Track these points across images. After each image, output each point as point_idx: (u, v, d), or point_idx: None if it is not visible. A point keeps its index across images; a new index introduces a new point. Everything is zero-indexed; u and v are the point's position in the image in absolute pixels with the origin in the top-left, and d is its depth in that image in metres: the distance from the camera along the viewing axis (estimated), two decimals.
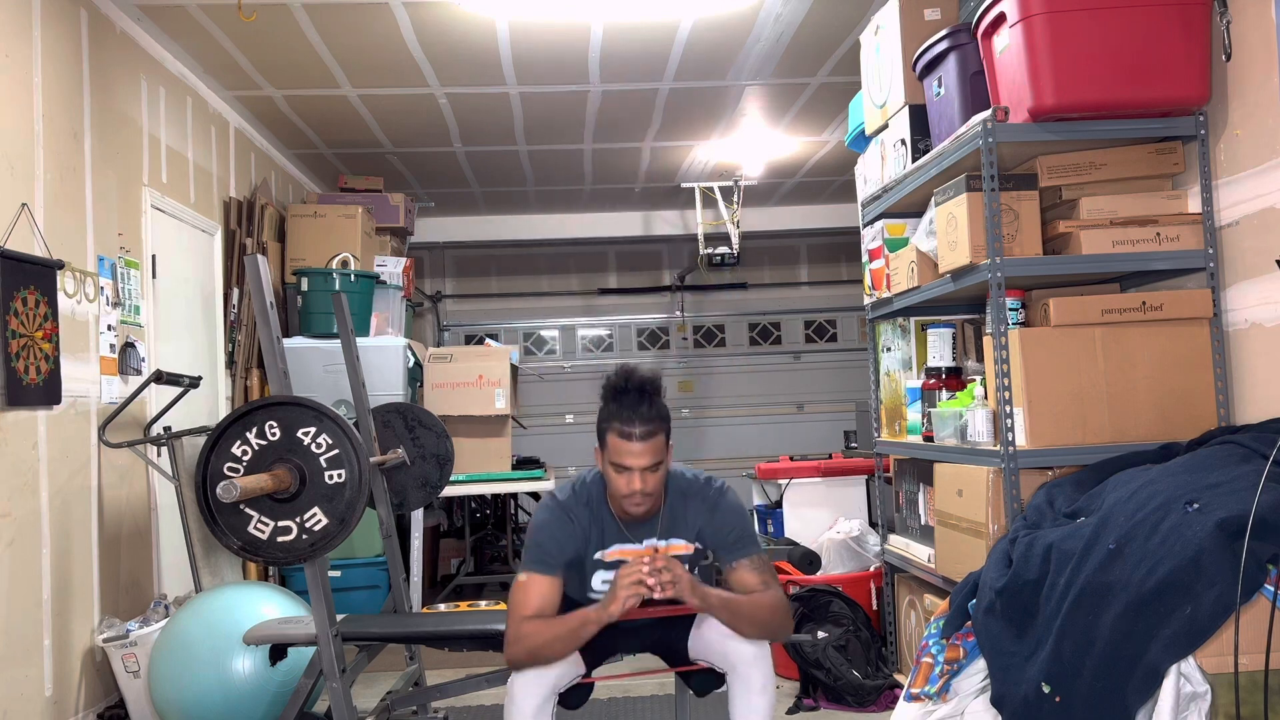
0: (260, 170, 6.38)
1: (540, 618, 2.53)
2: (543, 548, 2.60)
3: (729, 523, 2.67)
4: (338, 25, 4.75)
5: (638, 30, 4.96)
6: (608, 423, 2.56)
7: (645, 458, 2.52)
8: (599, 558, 2.66)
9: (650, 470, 2.54)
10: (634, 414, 2.52)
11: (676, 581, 2.45)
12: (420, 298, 9.30)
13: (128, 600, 4.32)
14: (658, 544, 2.65)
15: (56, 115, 3.88)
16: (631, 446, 2.51)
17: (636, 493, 2.55)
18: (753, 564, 2.64)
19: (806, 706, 3.99)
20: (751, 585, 2.61)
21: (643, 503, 2.58)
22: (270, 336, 2.91)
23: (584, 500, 2.67)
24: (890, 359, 4.17)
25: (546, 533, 2.62)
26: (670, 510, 2.68)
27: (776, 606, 2.60)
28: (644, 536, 2.66)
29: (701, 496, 2.69)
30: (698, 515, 2.68)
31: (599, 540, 2.66)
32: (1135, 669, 2.13)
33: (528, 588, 2.56)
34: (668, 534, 2.67)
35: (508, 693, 2.58)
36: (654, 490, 2.58)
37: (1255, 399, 2.94)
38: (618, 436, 2.52)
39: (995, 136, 3.08)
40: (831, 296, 9.95)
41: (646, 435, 2.52)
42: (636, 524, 2.66)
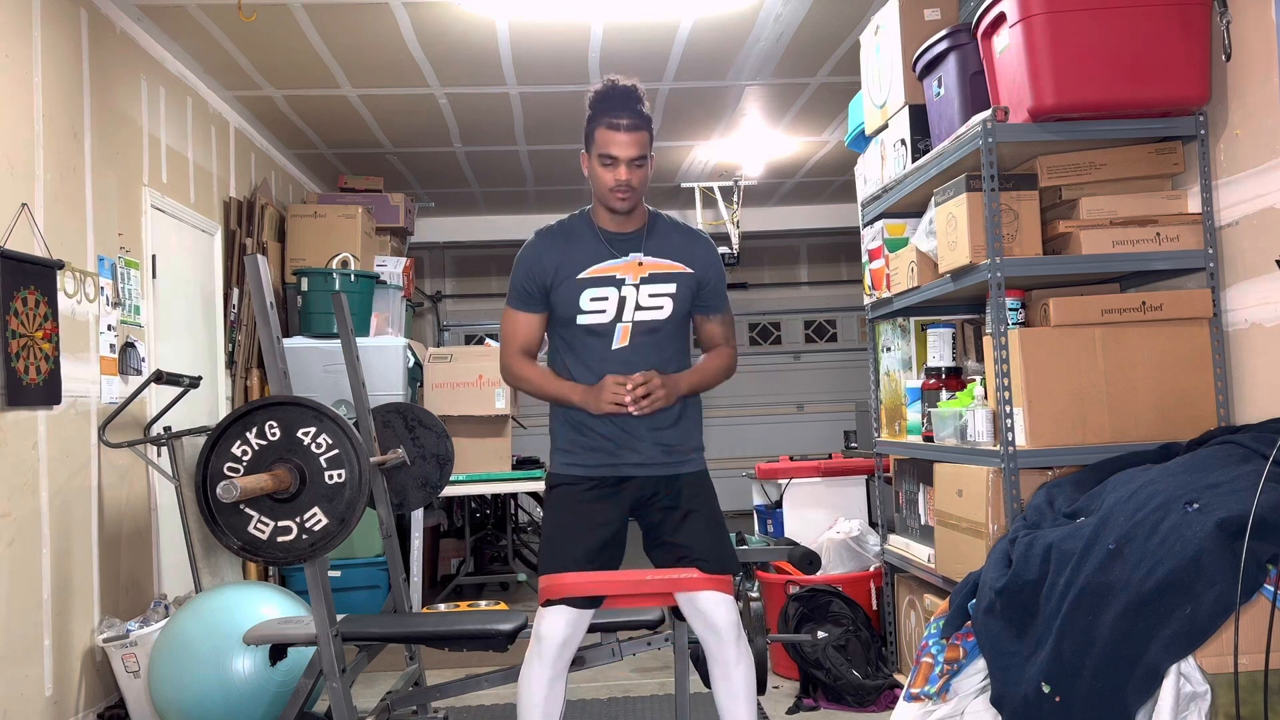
0: (260, 170, 6.38)
1: (527, 352, 2.78)
2: (517, 287, 2.79)
3: (715, 265, 2.83)
4: (338, 25, 4.75)
5: (638, 30, 4.96)
6: (595, 120, 2.70)
7: (631, 148, 2.64)
8: (583, 276, 2.73)
9: (635, 164, 2.66)
10: (621, 108, 2.66)
11: (655, 399, 2.64)
12: (420, 298, 9.31)
13: (128, 600, 4.32)
14: (641, 259, 2.74)
15: (56, 115, 3.88)
16: (618, 136, 2.65)
17: (623, 183, 2.65)
18: (723, 319, 2.89)
19: (806, 706, 3.99)
20: (716, 338, 2.88)
21: (628, 196, 2.67)
22: (270, 336, 2.91)
23: (564, 228, 2.81)
24: (890, 359, 4.17)
25: (520, 270, 2.79)
26: (653, 228, 2.79)
27: (729, 366, 2.89)
28: (628, 251, 2.74)
29: (687, 231, 2.85)
30: (685, 242, 2.80)
31: (582, 259, 2.74)
32: (1135, 669, 2.13)
33: (514, 322, 2.80)
34: (651, 251, 2.76)
35: (523, 670, 2.67)
36: (638, 185, 2.68)
37: (1255, 399, 2.94)
38: (605, 128, 2.66)
39: (995, 136, 3.08)
40: (831, 296, 9.95)
41: (633, 127, 2.65)
42: (621, 239, 2.74)
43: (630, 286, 2.71)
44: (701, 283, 2.79)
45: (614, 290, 2.71)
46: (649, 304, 2.73)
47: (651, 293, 2.72)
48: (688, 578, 2.69)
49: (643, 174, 2.69)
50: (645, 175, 2.70)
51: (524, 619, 3.27)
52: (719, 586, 2.69)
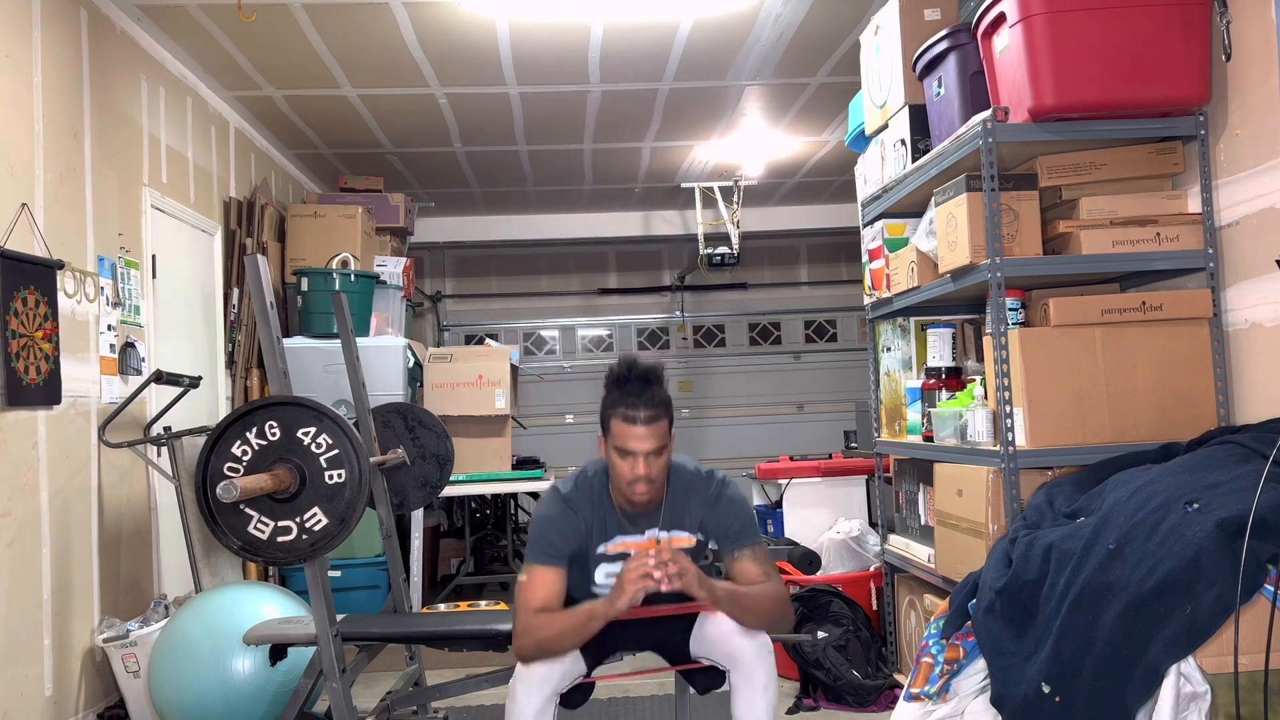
0: (260, 170, 6.38)
1: (547, 610, 2.54)
2: (547, 539, 2.61)
3: (731, 514, 2.68)
4: (338, 25, 4.75)
5: (638, 30, 4.96)
6: (612, 409, 2.57)
7: (649, 441, 2.54)
8: (602, 551, 2.66)
9: (654, 455, 2.55)
10: (638, 399, 2.54)
11: (684, 574, 2.45)
12: (420, 298, 9.30)
13: (128, 600, 4.32)
14: (660, 535, 2.66)
15: (56, 115, 3.88)
16: (636, 430, 2.53)
17: (641, 478, 2.55)
18: (754, 555, 2.65)
19: (806, 706, 3.99)
20: (753, 576, 2.62)
21: (646, 490, 2.58)
22: (270, 336, 2.91)
23: (586, 493, 2.68)
24: (890, 359, 4.17)
25: (551, 525, 2.63)
26: (672, 502, 2.68)
27: (779, 598, 2.62)
28: (646, 528, 2.67)
29: (703, 489, 2.70)
30: (700, 507, 2.69)
31: (601, 533, 2.66)
32: (1135, 669, 2.13)
33: (534, 580, 2.58)
34: (670, 525, 2.67)
35: (509, 694, 2.58)
36: (657, 476, 2.58)
37: (1255, 399, 2.94)
38: (622, 421, 2.54)
39: (995, 136, 3.08)
40: (831, 296, 9.95)
41: (650, 420, 2.54)
42: (639, 516, 2.67)
43: None
44: (715, 536, 2.69)
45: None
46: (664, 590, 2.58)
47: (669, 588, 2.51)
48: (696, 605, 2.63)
49: (662, 463, 2.59)
50: (665, 463, 2.61)
51: None
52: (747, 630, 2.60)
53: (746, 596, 2.57)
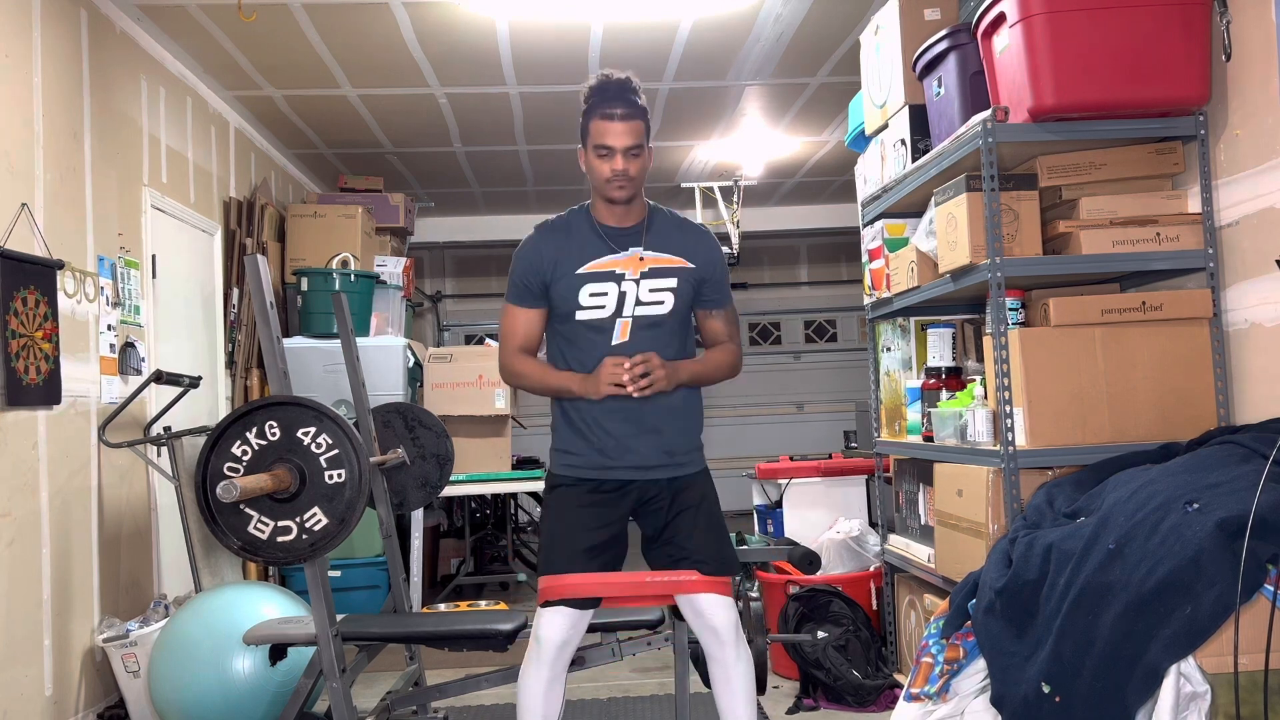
0: (260, 170, 6.38)
1: (527, 350, 2.76)
2: (517, 282, 2.75)
3: (716, 260, 2.81)
4: (338, 25, 4.75)
5: (638, 30, 4.96)
6: (590, 113, 2.69)
7: (627, 138, 2.63)
8: (582, 271, 2.70)
9: (631, 153, 2.63)
10: (616, 98, 2.66)
11: (654, 383, 2.62)
12: (420, 298, 9.31)
13: (128, 600, 4.32)
14: (642, 253, 2.72)
15: (56, 115, 3.88)
16: (614, 126, 2.63)
17: (620, 174, 2.63)
18: (725, 315, 2.86)
19: (806, 706, 3.99)
20: (720, 334, 2.85)
21: (625, 186, 2.65)
22: (270, 336, 2.91)
23: (563, 223, 2.78)
24: (890, 359, 4.17)
25: (520, 265, 2.75)
26: (653, 222, 2.76)
27: (735, 362, 2.87)
28: (627, 245, 2.72)
29: (688, 226, 2.82)
30: (686, 238, 2.77)
31: (580, 254, 2.72)
32: (1135, 669, 2.13)
33: (513, 318, 2.77)
34: (651, 245, 2.74)
35: (521, 672, 2.68)
36: (636, 174, 2.65)
37: (1255, 399, 2.94)
38: (600, 119, 2.65)
39: (995, 136, 3.08)
40: (831, 296, 9.95)
41: (628, 117, 2.63)
42: (621, 234, 2.72)
43: (630, 281, 2.70)
44: (703, 278, 2.77)
45: (614, 285, 2.69)
46: (649, 299, 2.71)
47: (652, 287, 2.70)
48: (687, 580, 2.69)
49: (639, 163, 2.66)
50: (642, 165, 2.68)
51: (524, 619, 3.27)
52: (718, 589, 2.69)
53: (707, 370, 2.81)
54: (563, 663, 2.68)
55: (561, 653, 2.66)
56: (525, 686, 2.66)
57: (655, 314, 2.72)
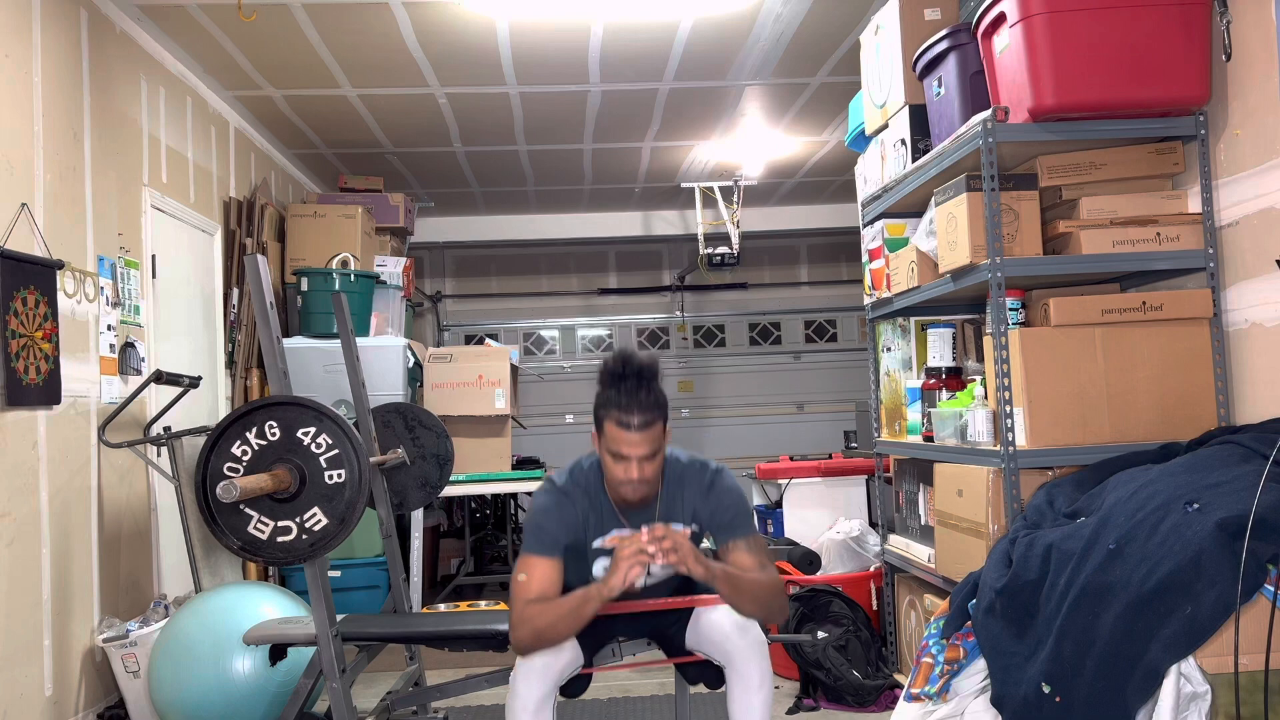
0: (260, 170, 6.38)
1: (543, 600, 2.52)
2: (543, 529, 2.58)
3: (725, 503, 2.66)
4: (338, 25, 4.75)
5: (638, 30, 4.96)
6: (605, 410, 2.52)
7: (643, 447, 2.50)
8: (598, 545, 2.65)
9: (648, 459, 2.52)
10: (632, 402, 2.49)
11: (678, 548, 2.42)
12: (420, 298, 9.31)
13: (128, 600, 4.32)
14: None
15: (56, 115, 3.88)
16: (630, 436, 2.49)
17: (634, 481, 2.53)
18: (749, 545, 2.62)
19: (806, 706, 3.99)
20: (748, 566, 2.59)
21: (639, 490, 2.57)
22: (270, 336, 2.91)
23: (582, 486, 2.65)
24: (890, 359, 4.17)
25: (547, 516, 2.60)
26: (667, 495, 2.66)
27: (774, 586, 2.59)
28: (642, 522, 2.65)
29: (697, 480, 2.68)
30: (694, 497, 2.67)
31: (597, 527, 2.65)
32: (1135, 669, 2.13)
33: (530, 570, 2.55)
34: (665, 519, 2.67)
35: (510, 688, 2.59)
36: (652, 478, 2.56)
37: (1255, 399, 2.94)
38: (616, 425, 2.49)
39: (995, 136, 3.08)
40: (831, 296, 9.95)
41: (645, 425, 2.49)
42: (634, 510, 2.66)
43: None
44: (711, 528, 2.67)
45: None
46: (657, 570, 2.68)
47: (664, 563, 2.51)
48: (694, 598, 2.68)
49: (656, 465, 2.56)
50: (659, 464, 2.58)
51: None
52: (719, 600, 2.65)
53: (741, 579, 2.54)
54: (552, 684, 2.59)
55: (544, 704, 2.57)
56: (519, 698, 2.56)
57: (664, 577, 2.72)
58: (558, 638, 2.52)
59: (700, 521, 2.68)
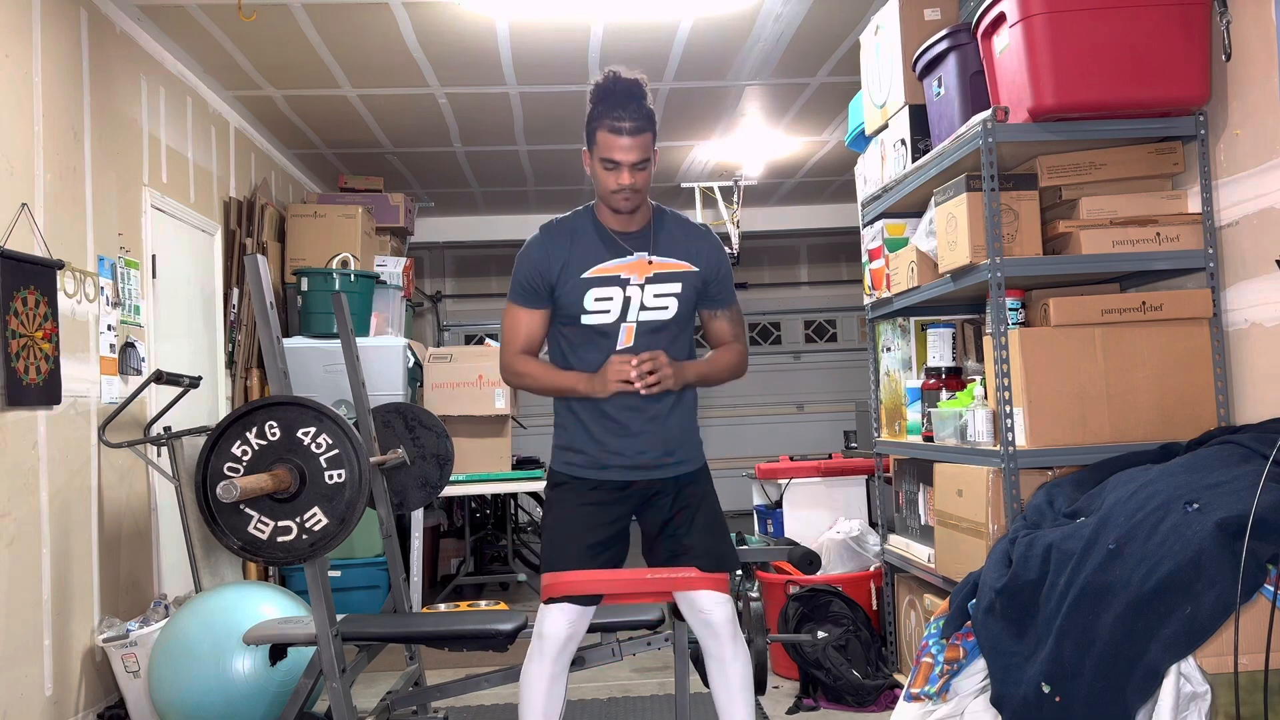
0: (260, 170, 6.38)
1: (529, 352, 2.74)
2: (521, 282, 2.74)
3: (720, 261, 2.79)
4: (338, 25, 4.75)
5: (638, 30, 4.96)
6: (597, 121, 2.63)
7: (634, 153, 2.59)
8: (588, 275, 2.69)
9: (638, 167, 2.61)
10: (624, 110, 2.59)
11: (662, 380, 2.61)
12: (420, 298, 9.31)
13: (128, 600, 4.32)
14: (648, 258, 2.71)
15: (56, 115, 3.88)
16: (621, 141, 2.59)
17: (625, 188, 2.61)
18: (730, 314, 2.85)
19: (806, 706, 3.99)
20: (725, 334, 2.84)
21: (631, 198, 2.64)
22: (270, 336, 2.91)
23: (572, 222, 2.76)
24: (890, 359, 4.17)
25: (525, 266, 2.74)
26: (659, 227, 2.75)
27: (741, 362, 2.86)
28: (634, 250, 2.72)
29: (687, 225, 2.80)
30: (687, 238, 2.76)
31: (586, 258, 2.70)
32: (1135, 669, 2.13)
33: (515, 319, 2.75)
34: (658, 249, 2.73)
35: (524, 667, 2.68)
36: (642, 186, 2.64)
37: (1255, 399, 2.94)
38: (608, 132, 2.60)
39: (995, 136, 3.08)
40: (831, 296, 9.95)
41: (636, 130, 2.59)
42: (627, 237, 2.72)
43: (635, 286, 2.69)
44: (707, 279, 2.76)
45: (619, 290, 2.69)
46: (654, 304, 2.70)
47: (657, 292, 2.70)
48: (684, 577, 2.70)
49: (646, 175, 2.64)
50: (649, 176, 2.66)
51: (524, 619, 3.27)
52: (715, 585, 2.70)
53: (712, 371, 2.81)
54: (565, 659, 2.69)
55: (564, 649, 2.68)
56: (528, 682, 2.68)
57: (660, 319, 2.72)
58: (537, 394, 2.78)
59: (700, 265, 2.75)
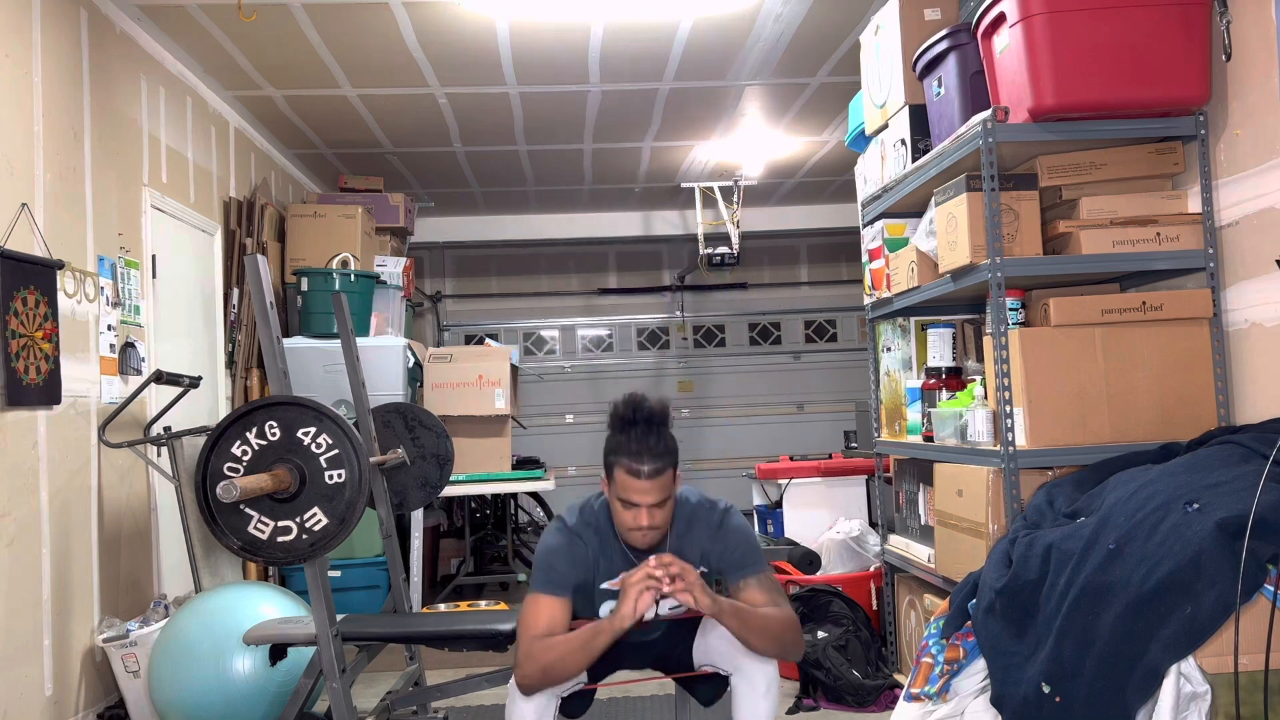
0: (260, 170, 6.38)
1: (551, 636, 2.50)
2: (553, 569, 2.56)
3: (735, 543, 2.62)
4: (338, 25, 4.75)
5: (638, 30, 4.96)
6: (615, 456, 2.50)
7: (653, 495, 2.48)
8: (605, 587, 2.62)
9: (658, 506, 2.50)
10: (643, 449, 2.47)
11: (685, 575, 2.40)
12: (420, 298, 9.31)
13: (128, 600, 4.32)
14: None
15: (56, 115, 3.88)
16: (639, 484, 2.47)
17: (644, 528, 2.51)
18: (760, 582, 2.58)
19: (806, 706, 3.99)
20: (759, 603, 2.55)
21: (649, 536, 2.54)
22: (270, 336, 2.91)
23: (592, 526, 2.63)
24: (890, 359, 4.17)
25: (556, 555, 2.58)
26: (676, 537, 2.63)
27: (787, 622, 2.54)
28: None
29: (706, 520, 2.65)
30: (703, 539, 2.63)
31: (607, 569, 2.62)
32: (1135, 669, 2.13)
33: (537, 607, 2.53)
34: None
35: (509, 697, 2.58)
36: (661, 525, 2.54)
37: (1255, 399, 2.94)
38: (626, 474, 2.47)
39: (995, 136, 3.08)
40: (831, 296, 9.95)
41: (655, 473, 2.47)
42: (643, 552, 2.60)
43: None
44: (721, 568, 2.62)
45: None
46: (665, 610, 2.62)
47: (671, 605, 2.54)
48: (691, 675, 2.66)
49: (666, 512, 2.54)
50: (670, 511, 2.56)
51: None
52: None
53: (752, 614, 2.50)
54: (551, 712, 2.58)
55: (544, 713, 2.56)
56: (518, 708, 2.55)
57: (672, 615, 2.66)
58: (566, 674, 2.48)
59: (710, 563, 2.64)
